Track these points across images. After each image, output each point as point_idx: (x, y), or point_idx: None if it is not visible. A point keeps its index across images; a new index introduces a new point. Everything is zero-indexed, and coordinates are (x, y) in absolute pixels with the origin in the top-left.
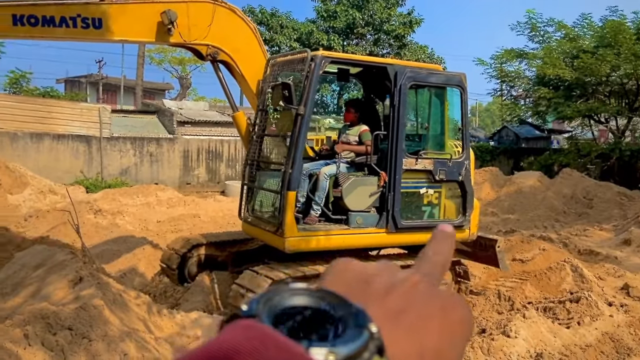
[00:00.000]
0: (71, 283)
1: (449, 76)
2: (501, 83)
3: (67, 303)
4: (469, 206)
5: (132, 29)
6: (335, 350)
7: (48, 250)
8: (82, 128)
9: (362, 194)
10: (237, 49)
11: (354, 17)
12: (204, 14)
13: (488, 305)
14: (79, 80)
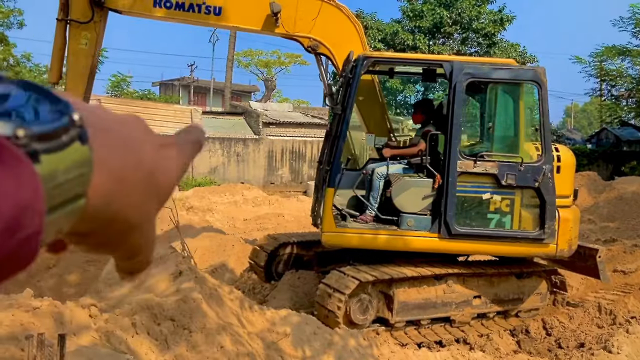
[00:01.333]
0: (172, 276)
1: (521, 71)
2: (601, 82)
3: (169, 295)
4: (549, 217)
5: (244, 17)
6: (27, 126)
7: None
8: (175, 128)
9: (415, 196)
10: (337, 44)
11: (441, 15)
12: (311, 9)
13: (587, 319)
14: (172, 83)
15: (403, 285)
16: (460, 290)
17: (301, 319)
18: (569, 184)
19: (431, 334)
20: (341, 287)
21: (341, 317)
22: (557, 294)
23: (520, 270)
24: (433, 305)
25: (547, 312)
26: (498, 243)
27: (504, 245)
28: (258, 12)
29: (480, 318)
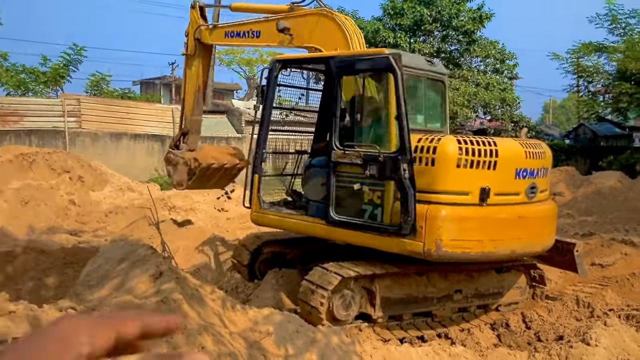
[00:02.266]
0: (152, 277)
1: (375, 59)
2: (578, 78)
3: (149, 296)
4: (406, 211)
5: (269, 37)
6: None
7: (130, 245)
8: (156, 128)
9: (316, 184)
10: (330, 49)
11: (422, 13)
12: (310, 22)
13: (565, 312)
14: (153, 82)
15: (385, 281)
16: (441, 285)
17: (284, 317)
18: (466, 179)
19: (413, 329)
20: (324, 283)
21: (324, 314)
22: (536, 287)
23: (500, 265)
24: (415, 300)
25: (526, 306)
26: (369, 234)
27: (374, 237)
28: (275, 33)
29: (462, 312)
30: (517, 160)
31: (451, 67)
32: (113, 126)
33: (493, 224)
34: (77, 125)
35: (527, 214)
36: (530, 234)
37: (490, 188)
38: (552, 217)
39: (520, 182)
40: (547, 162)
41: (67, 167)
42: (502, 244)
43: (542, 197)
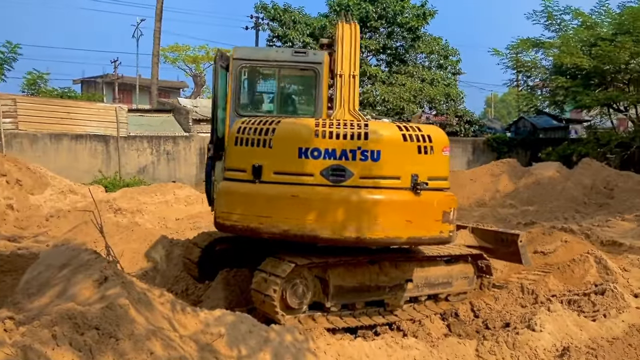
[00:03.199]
0: (96, 283)
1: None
2: (517, 73)
3: (93, 303)
4: (207, 186)
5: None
6: None
7: (72, 250)
8: (99, 128)
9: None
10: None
11: (367, 10)
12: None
13: (511, 299)
14: (95, 80)
15: (338, 269)
16: (393, 274)
17: (236, 317)
18: (243, 157)
19: (366, 318)
20: (277, 271)
21: (277, 302)
22: (483, 277)
23: (449, 255)
24: (367, 289)
25: (474, 295)
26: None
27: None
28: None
29: (413, 302)
30: (300, 140)
31: (397, 63)
32: (53, 127)
33: (260, 201)
34: (13, 127)
35: (309, 196)
36: (315, 218)
37: (263, 166)
38: (375, 207)
39: (308, 163)
40: (371, 143)
41: (3, 170)
42: (269, 221)
43: (369, 183)
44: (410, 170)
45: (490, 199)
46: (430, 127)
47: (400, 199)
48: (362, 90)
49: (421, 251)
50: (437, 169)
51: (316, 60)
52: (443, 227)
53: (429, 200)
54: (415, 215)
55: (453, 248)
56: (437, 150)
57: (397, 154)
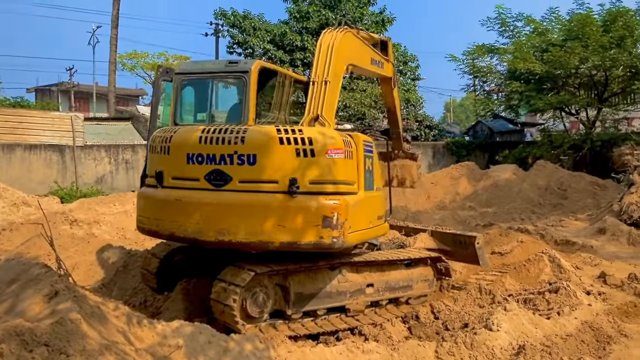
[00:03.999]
0: (46, 298)
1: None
2: (474, 78)
3: (43, 318)
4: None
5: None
6: None
7: (22, 265)
8: (54, 137)
9: None
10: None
11: (327, 17)
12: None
13: (470, 300)
14: (49, 88)
15: (299, 276)
16: (354, 279)
17: (194, 328)
18: (152, 164)
19: (327, 324)
20: (237, 280)
21: (237, 312)
22: (442, 279)
23: (408, 259)
24: (328, 295)
25: (434, 297)
26: None
27: None
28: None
29: (374, 307)
30: (189, 145)
31: None
32: (5, 137)
33: (157, 204)
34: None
35: (190, 200)
36: (196, 221)
37: (163, 172)
38: (249, 211)
39: (194, 168)
40: (247, 147)
41: None
42: (162, 224)
43: (248, 187)
44: (288, 174)
45: (451, 201)
46: (315, 129)
47: (273, 203)
48: None
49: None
50: (320, 172)
51: (244, 69)
52: (323, 232)
53: (306, 205)
54: (289, 219)
55: (413, 252)
56: (319, 153)
57: (274, 157)
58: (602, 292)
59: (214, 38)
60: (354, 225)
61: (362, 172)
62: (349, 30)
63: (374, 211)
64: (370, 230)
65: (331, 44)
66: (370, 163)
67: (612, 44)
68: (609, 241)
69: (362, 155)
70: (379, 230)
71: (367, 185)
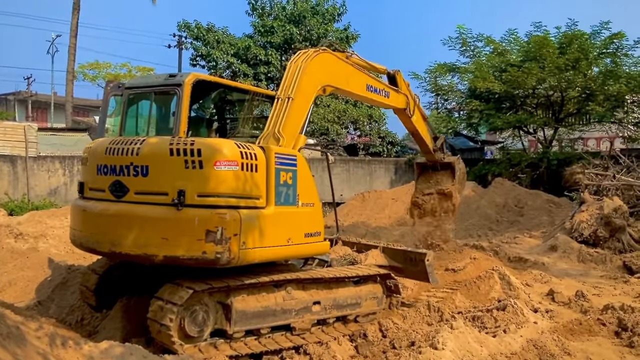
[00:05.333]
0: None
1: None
2: (436, 96)
3: None
4: None
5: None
6: None
7: None
8: (6, 147)
9: None
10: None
11: (292, 32)
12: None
13: (418, 317)
14: (6, 97)
15: (241, 294)
16: (299, 296)
17: (124, 349)
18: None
19: (272, 342)
20: (174, 298)
21: (175, 331)
22: (392, 297)
23: (357, 276)
24: (273, 313)
25: (384, 315)
26: None
27: None
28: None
29: (321, 325)
30: (98, 157)
31: None
32: None
33: (74, 215)
34: None
35: (91, 210)
36: (96, 232)
37: (84, 182)
38: (136, 223)
39: (102, 179)
40: (141, 158)
41: None
42: (76, 234)
43: (142, 199)
44: (177, 186)
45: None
46: (207, 140)
47: (157, 215)
48: None
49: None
50: (208, 184)
51: (178, 82)
52: (207, 247)
53: (190, 218)
54: (173, 233)
55: (362, 268)
56: (207, 164)
57: (164, 169)
58: (550, 309)
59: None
60: (255, 241)
61: (273, 185)
62: (325, 52)
63: (295, 227)
64: (290, 248)
65: (300, 64)
66: (289, 177)
67: (568, 65)
68: (560, 258)
69: (272, 168)
70: (310, 248)
71: (281, 200)
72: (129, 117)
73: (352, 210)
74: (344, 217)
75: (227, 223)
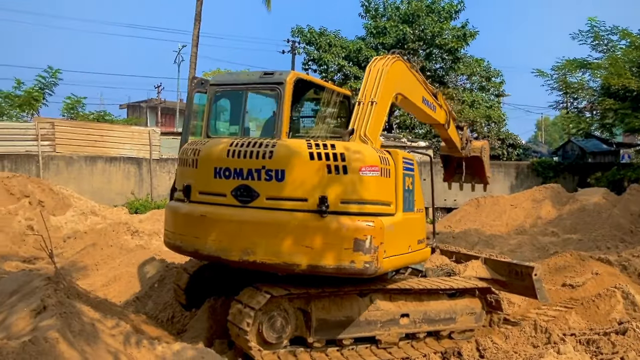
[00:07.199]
0: (34, 313)
1: None
2: (564, 95)
3: (24, 335)
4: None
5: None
6: None
7: (27, 276)
8: (132, 150)
9: None
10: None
11: (405, 32)
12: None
13: (523, 338)
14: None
15: (322, 301)
16: (386, 307)
17: (196, 352)
18: (180, 177)
19: (354, 355)
20: (252, 302)
21: (252, 336)
22: (493, 313)
23: (451, 288)
24: (356, 323)
25: (483, 333)
26: None
27: None
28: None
29: (410, 339)
30: (217, 159)
31: (437, 85)
32: (88, 149)
33: (182, 220)
34: (51, 149)
35: (215, 216)
36: (220, 239)
37: (191, 186)
38: (274, 230)
39: (222, 183)
40: (275, 162)
41: (26, 191)
42: (186, 240)
43: (275, 205)
44: (318, 192)
45: (531, 225)
46: (348, 144)
47: (301, 222)
48: (398, 113)
49: (420, 283)
50: (353, 190)
51: (279, 81)
52: (355, 256)
53: (337, 226)
54: (318, 241)
55: (458, 280)
56: (352, 170)
57: (303, 173)
58: None
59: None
60: (390, 249)
61: (401, 191)
62: (400, 60)
63: (413, 234)
64: (409, 256)
65: (381, 69)
66: (410, 182)
67: None
68: None
69: (401, 174)
70: (419, 256)
71: (406, 206)
72: (216, 115)
73: (465, 217)
74: (456, 224)
75: (375, 231)
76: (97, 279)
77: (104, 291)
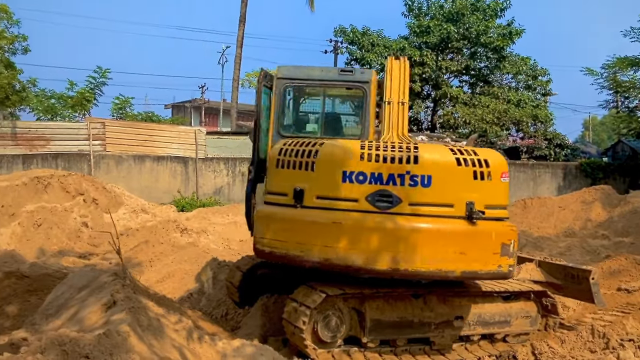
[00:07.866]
0: (104, 307)
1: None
2: (615, 94)
3: (97, 328)
4: (247, 210)
5: None
6: None
7: (94, 271)
8: (179, 150)
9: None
10: None
11: (449, 31)
12: None
13: (580, 343)
14: (184, 105)
15: (376, 302)
16: (439, 309)
17: (256, 349)
18: (283, 180)
19: (408, 356)
20: (307, 301)
21: (308, 334)
22: (548, 317)
23: (506, 291)
24: (410, 324)
25: (538, 337)
26: None
27: None
28: None
29: (464, 342)
30: (345, 163)
31: (481, 85)
32: (137, 148)
33: (301, 227)
34: (102, 148)
35: (354, 223)
36: (360, 247)
37: (305, 190)
38: (426, 236)
39: (355, 187)
40: (421, 168)
41: (81, 189)
42: (310, 249)
43: (419, 211)
44: (464, 198)
45: (581, 228)
46: (488, 150)
47: (453, 228)
48: (442, 112)
49: (474, 285)
50: (495, 196)
51: (364, 79)
52: (502, 260)
53: (486, 231)
54: (470, 247)
55: (512, 283)
56: (495, 176)
57: (450, 179)
58: None
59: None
60: None
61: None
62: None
63: None
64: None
65: (402, 70)
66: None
67: None
68: None
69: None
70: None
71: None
72: (289, 112)
73: (512, 218)
74: None
75: (515, 235)
76: (152, 275)
77: (159, 287)
